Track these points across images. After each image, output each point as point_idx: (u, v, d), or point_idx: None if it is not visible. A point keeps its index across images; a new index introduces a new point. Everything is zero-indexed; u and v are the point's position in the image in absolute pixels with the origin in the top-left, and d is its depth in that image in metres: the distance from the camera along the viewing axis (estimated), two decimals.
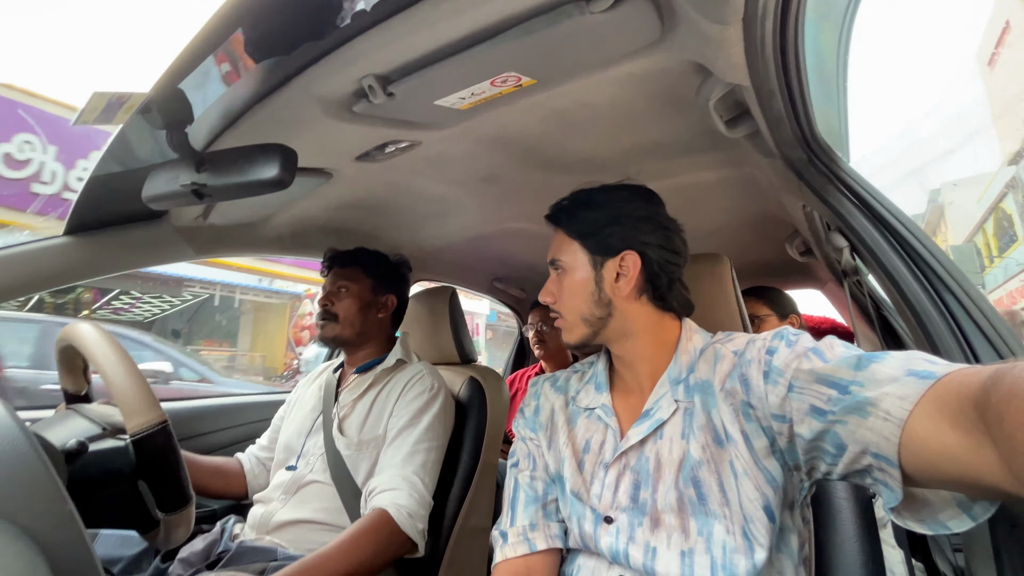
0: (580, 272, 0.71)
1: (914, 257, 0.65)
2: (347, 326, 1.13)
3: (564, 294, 0.72)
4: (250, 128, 0.78)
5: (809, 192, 0.81)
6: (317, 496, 0.99)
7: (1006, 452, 0.34)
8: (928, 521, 0.45)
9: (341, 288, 1.14)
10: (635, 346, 0.70)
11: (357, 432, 1.04)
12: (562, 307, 0.72)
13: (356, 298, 1.14)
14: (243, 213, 1.16)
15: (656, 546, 0.59)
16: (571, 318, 0.71)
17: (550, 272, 0.75)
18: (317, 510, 0.98)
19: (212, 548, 0.93)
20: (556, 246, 0.74)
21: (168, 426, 0.67)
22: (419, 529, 0.90)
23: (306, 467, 1.03)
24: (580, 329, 0.71)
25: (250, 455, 1.20)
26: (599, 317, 0.69)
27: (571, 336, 0.72)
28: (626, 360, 0.72)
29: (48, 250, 0.91)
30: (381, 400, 1.08)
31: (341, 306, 1.13)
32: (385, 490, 0.92)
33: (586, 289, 0.70)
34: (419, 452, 0.98)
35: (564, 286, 0.72)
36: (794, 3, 0.55)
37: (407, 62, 0.67)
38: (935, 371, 0.44)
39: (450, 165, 1.07)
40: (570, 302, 0.71)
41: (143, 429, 0.65)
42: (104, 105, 0.56)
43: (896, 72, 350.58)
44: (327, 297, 1.14)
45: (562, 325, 0.73)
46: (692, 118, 0.88)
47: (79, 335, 0.72)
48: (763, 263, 1.77)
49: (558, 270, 0.73)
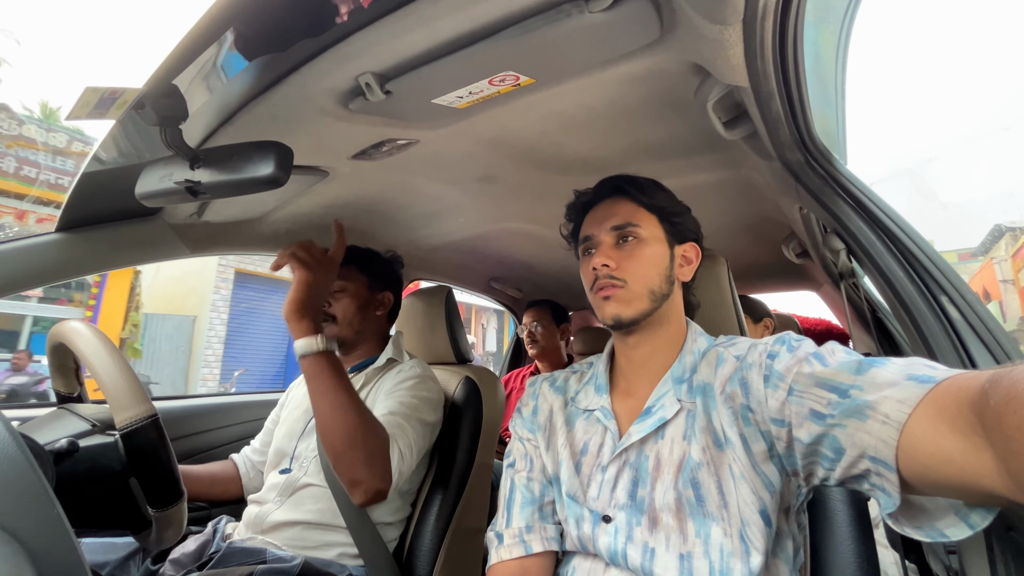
0: (658, 246, 0.71)
1: (910, 260, 0.65)
2: (346, 326, 1.12)
3: (634, 263, 0.68)
4: (245, 125, 0.78)
5: (806, 194, 0.81)
6: (312, 498, 0.99)
7: (1003, 454, 0.34)
8: (925, 528, 0.45)
9: (337, 289, 1.12)
10: (659, 336, 0.70)
11: None
12: (628, 275, 0.68)
13: (354, 297, 1.13)
14: (239, 210, 1.15)
15: (655, 547, 0.59)
16: (638, 288, 0.68)
17: (605, 238, 0.71)
18: (312, 511, 0.97)
19: (204, 549, 0.92)
20: (627, 214, 0.71)
21: (158, 419, 0.66)
22: (397, 469, 0.89)
23: (300, 470, 1.02)
24: (642, 302, 0.68)
25: (245, 457, 1.19)
26: (664, 294, 0.69)
27: (630, 308, 0.67)
28: (639, 356, 0.71)
29: (40, 247, 0.90)
30: (371, 398, 1.07)
31: (339, 307, 1.12)
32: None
33: (662, 263, 0.70)
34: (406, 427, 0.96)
35: (636, 255, 0.69)
36: (794, 5, 0.55)
37: (404, 60, 0.67)
38: (934, 375, 0.44)
39: (448, 164, 1.07)
40: (641, 271, 0.68)
41: (132, 423, 0.64)
42: (96, 100, 0.55)
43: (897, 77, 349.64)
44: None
45: (621, 296, 0.68)
46: (690, 119, 0.88)
47: (69, 332, 0.72)
48: (760, 265, 1.78)
49: (627, 238, 0.70)
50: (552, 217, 1.41)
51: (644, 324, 0.69)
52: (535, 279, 2.10)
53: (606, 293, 0.69)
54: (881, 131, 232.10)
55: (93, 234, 0.95)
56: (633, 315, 0.68)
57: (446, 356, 1.28)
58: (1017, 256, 10.29)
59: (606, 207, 0.74)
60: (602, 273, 0.69)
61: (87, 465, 0.64)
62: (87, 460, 0.64)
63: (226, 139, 0.80)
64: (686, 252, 0.73)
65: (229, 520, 1.03)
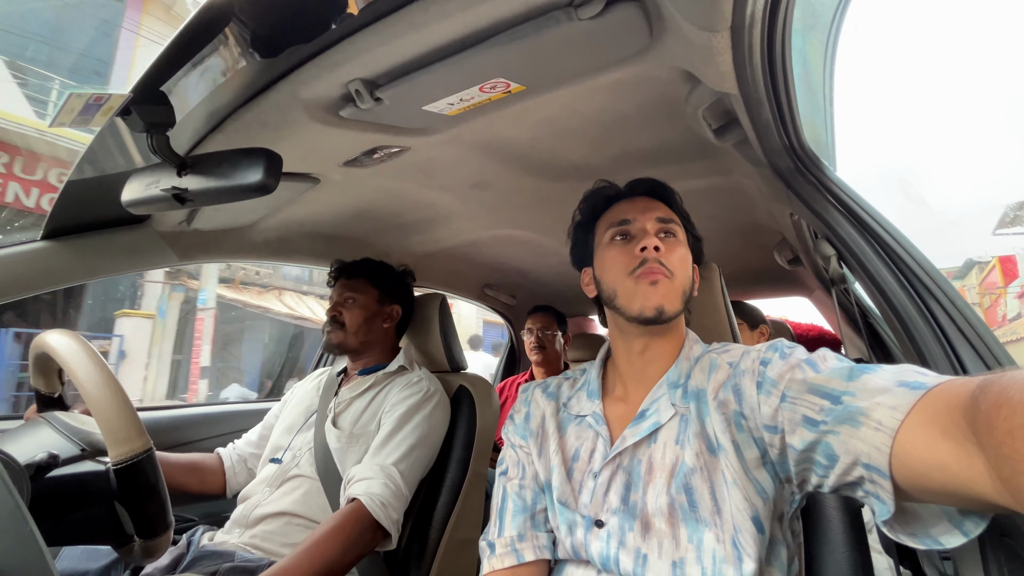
0: (688, 253, 0.72)
1: (900, 266, 0.65)
2: (352, 334, 1.16)
3: (676, 259, 0.68)
4: (234, 132, 0.77)
5: (797, 201, 0.82)
6: (300, 489, 1.00)
7: (994, 460, 0.34)
8: (920, 536, 0.45)
9: (348, 299, 1.18)
10: (667, 340, 0.70)
11: (351, 426, 1.07)
12: (674, 268, 0.67)
13: (363, 308, 1.18)
14: (229, 218, 1.14)
15: (647, 553, 0.58)
16: (679, 284, 0.68)
17: (650, 226, 0.70)
18: (298, 503, 0.98)
19: (179, 562, 0.91)
20: (667, 214, 0.72)
21: (153, 453, 0.64)
22: (393, 519, 0.91)
23: (292, 461, 1.04)
24: (679, 300, 0.68)
25: (232, 451, 1.19)
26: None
27: (673, 302, 0.66)
28: (642, 360, 0.70)
29: (24, 255, 0.88)
30: (379, 400, 1.10)
31: (349, 315, 1.17)
32: (361, 479, 0.93)
33: (691, 269, 0.72)
34: (401, 446, 0.99)
35: (678, 253, 0.69)
36: (781, 13, 0.56)
37: (395, 67, 0.67)
38: (925, 382, 0.44)
39: (440, 171, 1.06)
40: (683, 269, 0.69)
41: (128, 458, 0.62)
42: (81, 107, 0.55)
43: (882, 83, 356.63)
44: (335, 307, 1.18)
45: (668, 286, 0.66)
46: (681, 126, 0.89)
47: (57, 347, 0.69)
48: (751, 271, 1.79)
49: (669, 235, 0.71)
50: (545, 223, 1.42)
51: (666, 327, 0.69)
52: (529, 286, 2.09)
53: (655, 277, 0.65)
54: (870, 137, 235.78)
55: (79, 242, 0.93)
56: (673, 310, 0.66)
57: (440, 364, 1.27)
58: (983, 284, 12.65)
59: (646, 201, 0.74)
60: (651, 256, 0.66)
61: (75, 489, 0.62)
62: (75, 484, 0.62)
63: (215, 146, 0.79)
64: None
65: (207, 530, 1.02)
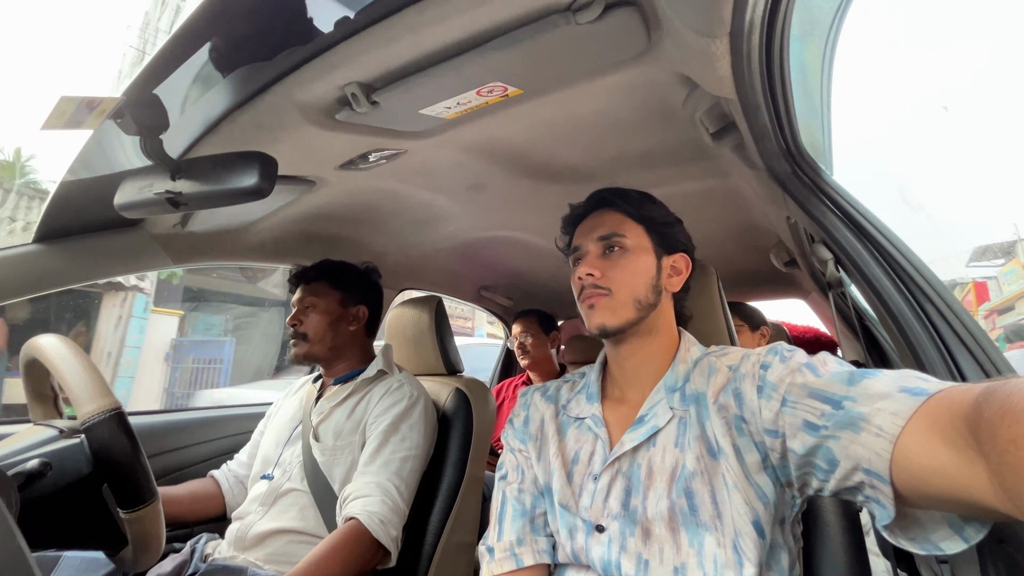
0: (645, 256, 0.71)
1: (897, 270, 0.65)
2: (317, 343, 1.10)
3: (619, 272, 0.69)
4: (229, 135, 0.76)
5: (793, 204, 0.82)
6: (295, 505, 0.98)
7: (997, 468, 0.34)
8: (920, 541, 0.44)
9: (308, 306, 1.12)
10: (650, 345, 0.70)
11: (333, 438, 1.03)
12: (613, 284, 0.68)
13: (324, 313, 1.11)
14: (224, 220, 1.13)
15: (648, 559, 0.58)
16: (623, 297, 0.68)
17: (591, 248, 0.72)
18: (295, 519, 0.96)
19: (182, 569, 0.89)
20: (614, 224, 0.72)
21: (122, 412, 0.64)
22: (392, 536, 0.89)
23: (283, 476, 1.01)
24: (628, 311, 0.68)
25: (226, 473, 1.16)
26: (650, 304, 0.69)
27: (614, 317, 0.67)
28: (631, 365, 0.71)
29: (15, 259, 0.87)
30: (360, 408, 1.06)
31: (310, 324, 1.10)
32: (358, 497, 0.91)
33: (648, 273, 0.70)
34: (394, 460, 0.97)
35: (620, 264, 0.70)
36: (780, 18, 0.55)
37: (391, 70, 0.66)
38: (927, 388, 0.44)
39: (436, 173, 1.06)
40: (626, 281, 0.69)
41: (94, 416, 0.62)
42: (73, 110, 0.54)
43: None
44: (295, 316, 1.12)
45: (606, 304, 0.68)
46: (678, 129, 0.89)
47: (40, 345, 0.69)
48: (748, 273, 1.79)
49: (613, 249, 0.71)
50: (542, 226, 1.42)
51: (632, 333, 0.69)
52: (525, 288, 2.09)
53: (591, 302, 0.69)
54: (867, 142, 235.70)
55: (73, 245, 0.92)
56: (618, 324, 0.68)
57: (436, 367, 1.27)
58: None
59: (595, 218, 0.74)
60: (587, 283, 0.69)
61: (55, 470, 0.61)
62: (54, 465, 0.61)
63: (209, 149, 0.78)
64: (675, 263, 0.74)
65: (210, 538, 1.01)
